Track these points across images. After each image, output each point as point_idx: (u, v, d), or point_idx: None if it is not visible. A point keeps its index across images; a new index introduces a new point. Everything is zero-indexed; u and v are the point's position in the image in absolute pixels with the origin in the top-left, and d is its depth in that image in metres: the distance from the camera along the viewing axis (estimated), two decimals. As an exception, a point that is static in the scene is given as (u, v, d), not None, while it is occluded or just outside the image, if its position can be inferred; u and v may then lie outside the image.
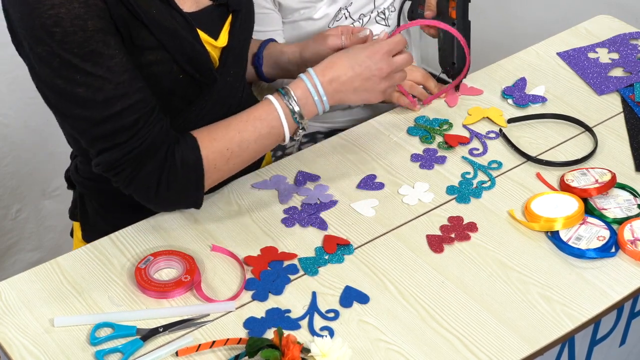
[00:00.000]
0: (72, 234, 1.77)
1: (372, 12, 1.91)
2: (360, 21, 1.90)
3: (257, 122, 1.46)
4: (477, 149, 1.68)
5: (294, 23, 1.87)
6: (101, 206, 1.63)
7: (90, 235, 1.66)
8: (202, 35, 1.47)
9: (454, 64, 1.80)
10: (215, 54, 1.51)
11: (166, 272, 1.44)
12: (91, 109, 1.36)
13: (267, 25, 1.83)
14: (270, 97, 1.47)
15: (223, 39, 1.51)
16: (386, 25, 1.94)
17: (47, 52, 1.33)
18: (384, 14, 1.94)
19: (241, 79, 1.62)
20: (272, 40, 1.74)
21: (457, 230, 1.51)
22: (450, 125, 1.73)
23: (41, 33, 1.31)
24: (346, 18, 1.88)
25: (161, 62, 1.42)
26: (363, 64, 1.49)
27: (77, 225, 1.71)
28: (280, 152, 2.02)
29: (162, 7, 1.40)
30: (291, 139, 1.51)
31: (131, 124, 1.38)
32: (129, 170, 1.41)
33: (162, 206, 1.50)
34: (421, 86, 1.78)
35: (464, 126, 1.74)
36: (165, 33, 1.41)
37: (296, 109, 1.47)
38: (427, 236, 1.50)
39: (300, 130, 1.50)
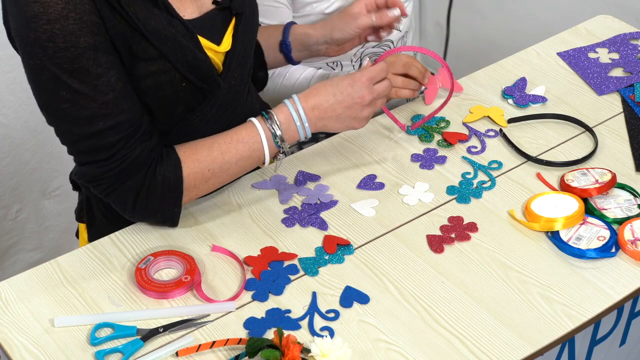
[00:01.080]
0: (77, 235, 1.76)
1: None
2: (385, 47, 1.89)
3: (239, 144, 1.48)
4: (476, 147, 1.68)
5: (305, 17, 1.86)
6: (107, 209, 1.62)
7: (96, 237, 1.65)
8: (204, 41, 1.46)
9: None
10: (218, 59, 1.50)
11: (166, 272, 1.44)
12: (74, 124, 1.38)
13: (276, 19, 1.82)
14: (253, 120, 1.49)
15: (226, 43, 1.51)
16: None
17: (37, 65, 1.34)
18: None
19: (246, 82, 1.61)
20: (292, 23, 1.75)
21: (457, 231, 1.51)
22: (448, 122, 1.74)
23: (34, 46, 1.32)
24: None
25: (163, 72, 1.42)
26: (345, 91, 1.50)
27: (82, 227, 1.71)
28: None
29: (162, 16, 1.40)
30: (273, 159, 1.53)
31: (112, 143, 1.39)
32: (108, 184, 1.43)
33: (137, 219, 1.50)
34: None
35: (464, 124, 1.74)
36: (166, 43, 1.40)
37: (278, 132, 1.48)
38: (427, 236, 1.50)
39: (281, 155, 1.51)
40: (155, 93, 1.43)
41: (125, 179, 1.42)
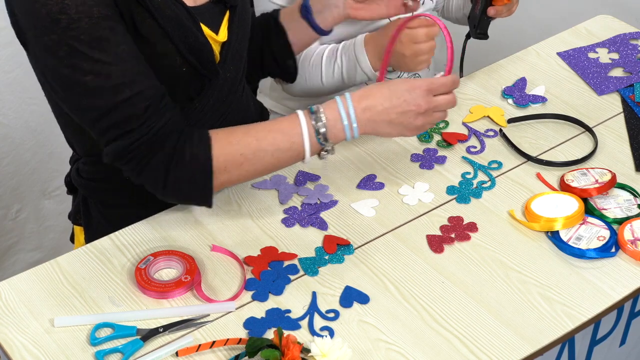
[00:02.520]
0: (72, 239, 1.76)
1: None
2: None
3: (278, 134, 1.42)
4: (475, 147, 1.68)
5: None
6: (105, 207, 1.62)
7: (94, 238, 1.65)
8: (205, 29, 1.47)
9: (474, 27, 1.81)
10: (216, 49, 1.50)
11: (166, 272, 1.44)
12: (100, 97, 1.35)
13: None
14: (299, 112, 1.43)
15: (223, 34, 1.51)
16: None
17: (53, 41, 1.32)
18: None
19: (241, 77, 1.61)
20: None
21: (457, 231, 1.51)
22: (447, 123, 1.74)
23: (46, 21, 1.30)
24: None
25: (165, 54, 1.41)
26: (401, 96, 1.43)
27: (79, 230, 1.70)
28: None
29: (169, 0, 1.40)
30: (319, 156, 1.46)
31: (141, 111, 1.36)
32: (139, 158, 1.39)
33: (171, 197, 1.46)
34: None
35: (464, 124, 1.74)
36: (170, 22, 1.40)
37: (322, 130, 1.41)
38: (427, 236, 1.50)
39: (324, 153, 1.44)
40: (156, 76, 1.42)
41: (155, 149, 1.38)
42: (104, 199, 1.62)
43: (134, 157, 1.39)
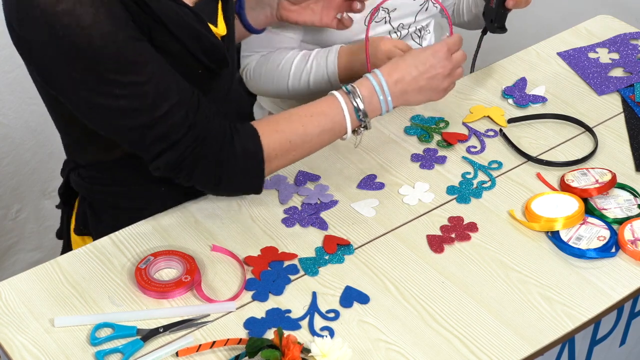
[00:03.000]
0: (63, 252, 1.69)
1: (410, 26, 1.88)
2: (398, 32, 1.87)
3: (321, 117, 1.46)
4: (475, 147, 1.68)
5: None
6: (117, 208, 1.59)
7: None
8: (211, 26, 1.46)
9: (492, 21, 1.82)
10: None
11: (166, 272, 1.44)
12: (139, 116, 1.35)
13: (286, 28, 1.79)
14: (335, 93, 1.48)
15: (222, 26, 1.51)
16: (419, 44, 1.91)
17: (82, 74, 1.31)
18: (420, 33, 1.91)
19: (234, 69, 1.63)
20: None
21: (457, 231, 1.51)
22: (447, 123, 1.74)
23: (73, 55, 1.29)
24: (385, 22, 1.84)
25: (182, 62, 1.41)
26: (427, 62, 1.51)
27: (79, 240, 1.66)
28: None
29: (175, 6, 1.39)
30: (354, 132, 1.51)
31: (182, 119, 1.36)
32: (190, 166, 1.40)
33: (224, 193, 1.50)
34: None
35: (464, 124, 1.74)
36: (185, 32, 1.39)
37: (361, 106, 1.47)
38: (428, 236, 1.50)
39: (362, 129, 1.50)
40: None
41: (206, 153, 1.39)
42: (115, 201, 1.60)
43: (186, 166, 1.40)
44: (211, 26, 1.47)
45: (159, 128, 1.36)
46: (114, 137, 1.41)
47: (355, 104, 1.47)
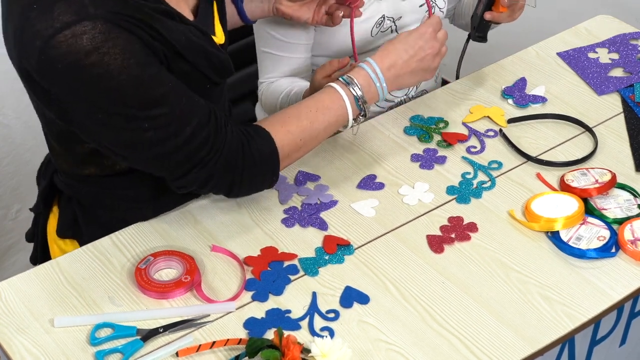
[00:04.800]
0: (34, 260, 1.69)
1: None
2: None
3: (325, 111, 1.50)
4: (475, 147, 1.68)
5: (328, 29, 1.80)
6: (110, 208, 1.59)
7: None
8: (214, 38, 1.47)
9: (474, 29, 1.83)
10: None
11: (166, 272, 1.44)
12: (165, 144, 1.36)
13: (293, 37, 1.80)
14: (334, 85, 1.52)
15: (220, 33, 1.51)
16: None
17: (110, 116, 1.32)
18: None
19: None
20: None
21: (457, 231, 1.51)
22: (446, 123, 1.74)
23: (101, 101, 1.30)
24: (392, 31, 1.84)
25: (193, 79, 1.42)
26: (415, 45, 1.55)
27: (61, 244, 1.63)
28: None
29: (182, 27, 1.39)
30: (354, 120, 1.54)
31: (205, 138, 1.38)
32: (215, 181, 1.43)
33: (242, 195, 1.51)
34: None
35: (463, 124, 1.74)
36: (194, 52, 1.40)
37: (359, 94, 1.51)
38: (427, 236, 1.50)
39: (361, 117, 1.54)
40: None
41: (228, 164, 1.42)
42: (109, 198, 1.58)
43: (212, 180, 1.42)
44: (216, 38, 1.47)
45: (183, 151, 1.38)
46: (138, 166, 1.43)
47: (355, 93, 1.51)
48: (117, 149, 1.38)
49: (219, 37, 1.51)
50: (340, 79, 1.52)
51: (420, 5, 1.85)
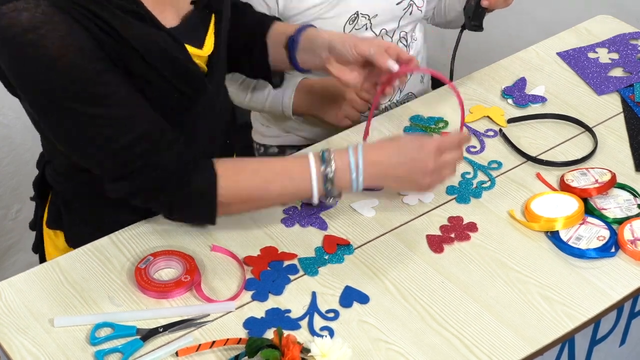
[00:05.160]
0: (35, 248, 1.71)
1: (394, 33, 1.87)
2: (382, 38, 1.86)
3: (286, 179, 1.43)
4: (475, 147, 1.68)
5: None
6: (90, 205, 1.59)
7: (77, 241, 1.63)
8: (191, 49, 1.44)
9: (470, 18, 1.82)
10: (202, 63, 1.48)
11: (166, 272, 1.44)
12: (100, 147, 1.36)
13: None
14: (310, 158, 1.43)
15: (209, 45, 1.48)
16: (407, 51, 1.92)
17: (52, 102, 1.32)
18: (406, 40, 1.90)
19: (224, 80, 1.62)
20: (311, 26, 1.63)
21: (457, 231, 1.51)
22: (446, 123, 1.74)
23: (43, 86, 1.31)
24: (367, 29, 1.83)
25: (157, 88, 1.41)
26: (409, 154, 1.43)
27: (51, 234, 1.65)
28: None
29: (152, 31, 1.37)
30: (326, 199, 1.47)
31: (140, 154, 1.37)
32: (143, 197, 1.42)
33: (183, 222, 1.50)
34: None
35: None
36: (159, 59, 1.38)
37: (330, 176, 1.41)
38: (427, 236, 1.50)
39: (331, 199, 1.45)
40: (150, 104, 1.41)
41: (159, 190, 1.40)
42: (90, 196, 1.57)
43: (140, 195, 1.42)
44: (192, 48, 1.44)
45: (117, 159, 1.37)
46: (77, 158, 1.43)
47: (325, 174, 1.41)
48: (60, 137, 1.38)
49: (206, 49, 1.48)
50: (321, 152, 1.42)
51: (398, 3, 1.83)
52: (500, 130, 1.72)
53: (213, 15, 1.50)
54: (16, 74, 1.33)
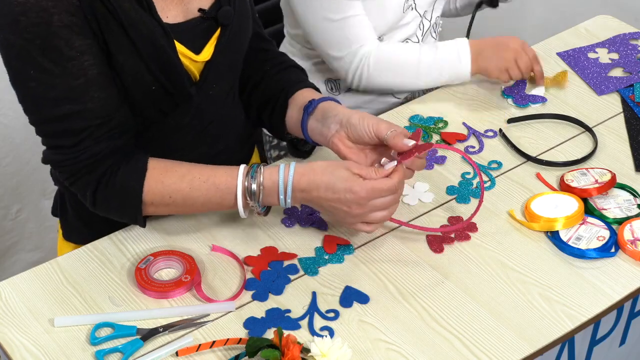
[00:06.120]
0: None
1: (431, 20, 1.91)
2: (422, 25, 1.89)
3: (212, 188, 1.41)
4: (474, 147, 1.68)
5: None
6: (78, 204, 1.59)
7: (69, 233, 1.64)
8: (181, 48, 1.42)
9: None
10: (195, 68, 1.46)
11: (166, 272, 1.44)
12: (40, 105, 1.36)
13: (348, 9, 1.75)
14: (240, 170, 1.41)
15: (206, 53, 1.46)
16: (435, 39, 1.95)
17: (8, 40, 1.32)
18: (435, 28, 1.94)
19: (228, 95, 1.57)
20: (335, 100, 1.54)
21: (457, 230, 1.51)
22: (446, 123, 1.74)
23: (6, 19, 1.30)
24: (412, 9, 1.85)
25: (134, 71, 1.39)
26: (337, 193, 1.38)
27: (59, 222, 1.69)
28: (277, 151, 2.02)
29: (143, 14, 1.37)
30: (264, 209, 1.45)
31: (77, 131, 1.36)
32: (68, 174, 1.41)
33: (100, 213, 1.46)
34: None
35: (463, 124, 1.74)
36: (143, 39, 1.37)
37: (254, 191, 1.40)
38: (428, 236, 1.50)
39: (261, 211, 1.43)
40: (125, 93, 1.41)
41: (84, 172, 1.40)
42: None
43: (65, 171, 1.41)
44: (184, 49, 1.43)
45: (54, 125, 1.37)
46: (22, 107, 1.42)
47: (251, 190, 1.40)
48: (10, 80, 1.38)
49: (202, 55, 1.45)
50: (252, 166, 1.40)
51: None
52: (500, 130, 1.72)
53: (219, 28, 1.47)
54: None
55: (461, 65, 1.79)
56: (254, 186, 1.40)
